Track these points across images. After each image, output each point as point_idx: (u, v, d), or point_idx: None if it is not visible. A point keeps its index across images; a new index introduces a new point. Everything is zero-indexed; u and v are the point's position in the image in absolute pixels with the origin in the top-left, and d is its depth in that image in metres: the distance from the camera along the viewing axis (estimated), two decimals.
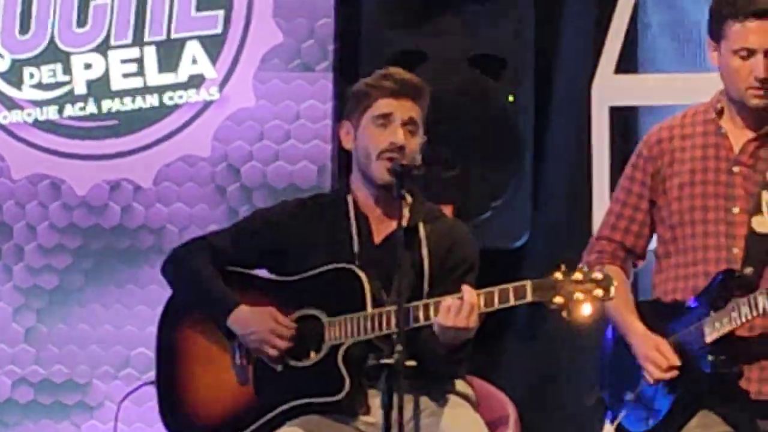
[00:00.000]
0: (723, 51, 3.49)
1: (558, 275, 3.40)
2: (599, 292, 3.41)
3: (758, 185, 3.52)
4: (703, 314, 3.48)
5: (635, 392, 3.65)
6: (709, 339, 3.43)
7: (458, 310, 3.41)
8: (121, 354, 4.89)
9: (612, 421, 3.77)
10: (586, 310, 3.45)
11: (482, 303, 3.44)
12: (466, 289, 3.41)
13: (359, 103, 3.64)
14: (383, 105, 3.63)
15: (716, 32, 3.50)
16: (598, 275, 3.43)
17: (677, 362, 3.44)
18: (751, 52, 3.52)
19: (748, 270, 3.45)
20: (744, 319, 3.39)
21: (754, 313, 3.36)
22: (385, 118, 3.60)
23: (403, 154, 3.50)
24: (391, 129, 3.57)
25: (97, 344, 4.86)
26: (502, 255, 4.79)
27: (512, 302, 3.50)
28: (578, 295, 3.41)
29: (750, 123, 3.53)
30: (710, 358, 3.48)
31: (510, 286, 3.41)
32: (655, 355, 3.48)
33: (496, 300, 3.47)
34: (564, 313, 3.44)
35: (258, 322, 3.53)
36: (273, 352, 3.53)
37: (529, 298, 3.44)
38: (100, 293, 4.86)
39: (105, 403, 4.70)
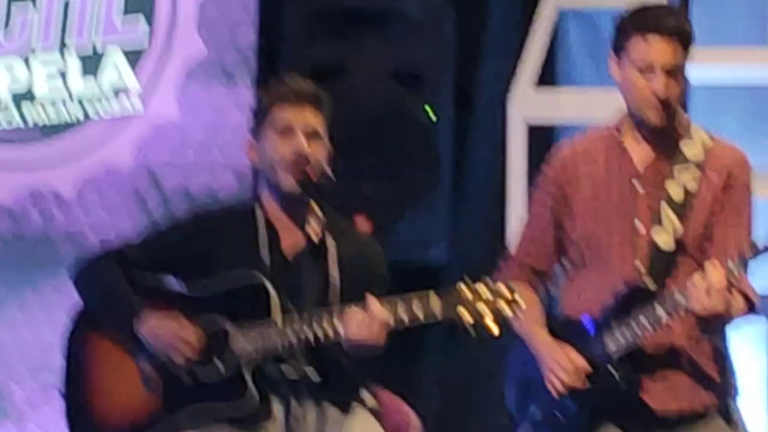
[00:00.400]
0: (625, 65, 3.55)
1: (462, 287, 3.41)
2: (503, 304, 3.45)
3: (661, 202, 3.61)
4: (606, 327, 3.55)
5: (541, 406, 3.72)
6: (612, 351, 3.51)
7: (362, 320, 3.48)
8: (38, 360, 4.94)
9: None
10: (489, 322, 3.45)
11: (387, 310, 3.53)
12: (370, 298, 3.47)
13: (260, 117, 3.67)
14: (283, 115, 3.65)
15: (620, 46, 3.55)
16: (502, 288, 3.46)
17: (587, 367, 3.50)
18: (651, 69, 3.57)
19: (652, 284, 3.51)
20: (644, 331, 3.46)
21: (654, 323, 3.46)
22: (286, 129, 3.62)
23: (309, 163, 3.53)
24: (293, 138, 3.58)
25: (14, 350, 4.92)
26: (418, 269, 4.86)
27: (417, 312, 3.49)
28: (483, 308, 3.42)
29: (650, 140, 3.60)
30: (613, 371, 3.55)
31: (414, 295, 3.44)
32: (565, 362, 3.55)
33: (399, 309, 3.49)
34: (467, 325, 3.48)
35: (166, 331, 3.58)
36: (180, 360, 3.57)
37: (432, 307, 3.48)
38: (20, 300, 4.92)
39: (23, 409, 4.77)
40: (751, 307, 3.65)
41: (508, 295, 3.44)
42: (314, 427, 3.64)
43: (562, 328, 3.67)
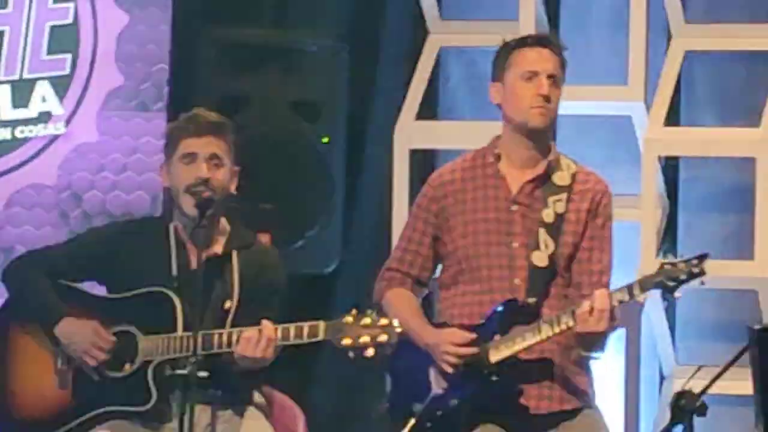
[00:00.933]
0: (508, 80, 3.95)
1: (348, 318, 3.86)
2: (384, 336, 3.85)
3: (536, 223, 3.95)
4: (488, 338, 3.85)
5: (424, 403, 3.99)
6: (493, 360, 3.84)
7: (257, 342, 3.87)
8: None
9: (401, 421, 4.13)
10: (369, 353, 3.90)
11: (280, 336, 3.91)
12: (265, 324, 3.87)
13: (169, 146, 4.07)
14: (187, 145, 4.04)
15: (502, 68, 3.98)
16: (384, 321, 3.89)
17: (473, 336, 3.85)
18: (534, 74, 3.95)
19: (531, 300, 3.86)
20: (528, 344, 3.82)
21: (538, 339, 3.82)
22: (190, 157, 4.00)
23: (209, 186, 3.92)
24: (195, 165, 3.96)
25: None
26: (315, 281, 5.42)
27: (306, 339, 3.95)
28: (365, 339, 3.86)
29: (526, 164, 3.96)
30: (493, 377, 3.89)
31: (306, 324, 3.90)
32: (455, 337, 3.89)
33: (291, 335, 3.93)
34: (350, 353, 3.90)
35: (81, 334, 3.95)
36: (92, 362, 3.95)
37: (321, 336, 3.89)
38: None
39: None
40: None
41: (387, 327, 3.87)
42: (206, 425, 4.01)
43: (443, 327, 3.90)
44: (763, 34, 5.48)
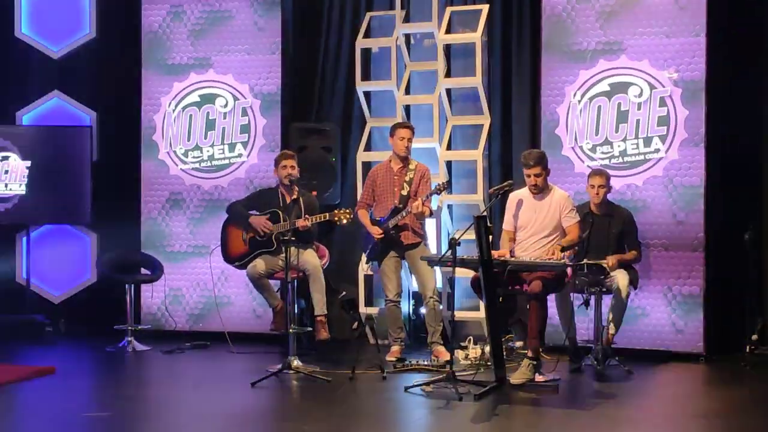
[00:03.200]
0: (394, 138, 10.14)
1: (335, 211, 9.83)
2: (347, 216, 9.90)
3: (402, 180, 10.24)
4: (388, 220, 10.29)
5: (371, 244, 10.46)
6: (390, 226, 10.19)
7: (303, 222, 9.87)
8: None
9: (366, 253, 10.56)
10: (343, 222, 9.99)
11: (310, 222, 10.09)
12: (304, 217, 10.14)
13: (277, 163, 10.11)
14: (283, 162, 10.11)
15: (392, 133, 10.17)
16: (347, 214, 9.80)
17: (381, 232, 10.26)
18: (404, 138, 10.08)
19: (401, 206, 10.25)
20: (399, 219, 10.21)
21: (401, 218, 10.17)
22: (284, 166, 10.07)
23: (292, 178, 10.12)
24: (287, 169, 10.08)
25: None
26: (331, 207, 10.60)
27: (322, 220, 9.90)
28: (341, 217, 9.89)
29: (399, 162, 10.22)
30: (391, 232, 10.21)
31: (323, 213, 9.96)
32: (376, 231, 10.29)
33: (317, 219, 9.97)
34: (337, 222, 9.90)
35: (257, 221, 9.98)
36: (262, 232, 10.01)
37: (327, 218, 9.86)
38: None
39: None
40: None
41: (347, 213, 9.79)
42: (294, 257, 9.48)
43: (375, 222, 10.19)
44: (478, 118, 11.19)
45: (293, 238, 9.35)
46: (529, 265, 8.89)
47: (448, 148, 11.12)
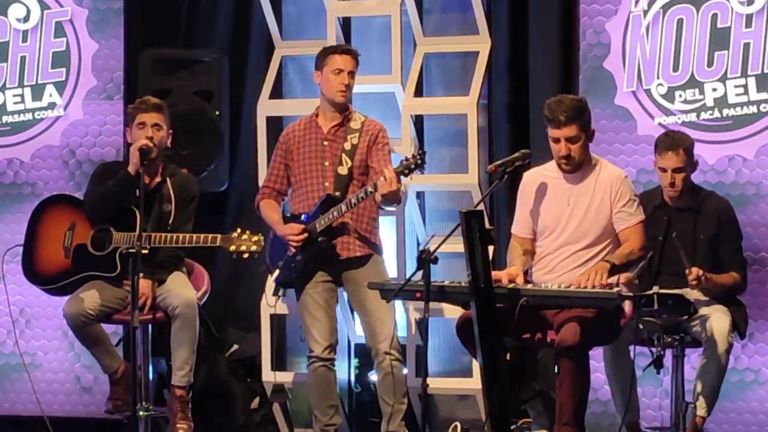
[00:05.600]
0: (325, 73, 8.57)
1: (234, 234, 8.52)
2: (253, 247, 8.42)
3: (339, 149, 8.72)
4: (315, 217, 8.72)
5: (284, 259, 8.87)
6: (319, 229, 8.53)
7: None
8: None
9: (273, 275, 8.89)
10: (244, 256, 8.51)
11: (193, 242, 8.70)
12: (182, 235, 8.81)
13: (129, 118, 8.68)
14: (140, 117, 8.54)
15: (321, 65, 8.59)
16: (255, 238, 8.44)
17: (301, 234, 8.64)
18: (341, 71, 8.47)
19: (337, 194, 8.69)
20: (335, 216, 8.53)
21: (344, 209, 8.51)
22: (143, 125, 8.57)
23: (153, 142, 8.44)
24: (145, 130, 8.51)
25: None
26: (214, 196, 9.96)
27: (209, 244, 8.52)
28: (243, 248, 8.48)
29: (333, 116, 8.71)
30: (320, 239, 8.56)
31: (210, 235, 8.51)
32: (291, 230, 8.71)
33: (200, 241, 8.56)
34: (234, 255, 8.52)
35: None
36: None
37: (218, 243, 8.49)
38: None
39: None
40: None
41: (255, 239, 8.52)
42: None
43: (291, 219, 8.76)
44: (470, 41, 9.80)
45: (146, 254, 8.29)
46: (559, 297, 7.96)
47: (418, 93, 10.07)
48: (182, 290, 8.81)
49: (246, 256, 8.67)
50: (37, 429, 9.49)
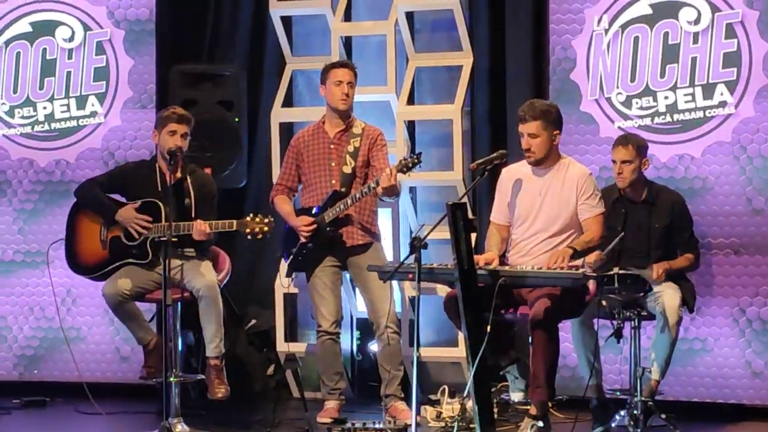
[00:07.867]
0: (328, 85, 9.23)
1: (248, 219, 8.84)
2: (266, 228, 8.78)
3: (344, 152, 9.35)
4: (324, 210, 9.32)
5: (296, 246, 9.49)
6: (327, 220, 9.26)
7: (199, 230, 8.81)
8: None
9: (287, 260, 9.58)
10: (258, 236, 8.89)
11: (211, 228, 8.72)
12: (199, 222, 8.67)
13: (160, 124, 8.92)
14: (172, 126, 8.86)
15: (324, 78, 9.24)
16: (266, 220, 8.75)
17: (311, 225, 9.27)
18: (340, 83, 9.09)
19: (343, 190, 9.24)
20: (341, 209, 9.22)
21: (344, 207, 9.17)
22: (173, 132, 8.88)
23: (180, 149, 8.79)
24: (175, 138, 8.84)
25: None
26: (234, 192, 10.47)
27: (226, 229, 8.83)
28: (257, 229, 8.83)
29: (338, 123, 9.34)
30: (327, 228, 9.30)
31: (225, 221, 8.81)
32: (303, 222, 9.37)
33: (219, 227, 8.81)
34: (249, 237, 8.85)
35: (127, 219, 9.10)
36: (135, 232, 9.02)
37: (234, 228, 8.82)
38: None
39: None
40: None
41: (267, 220, 8.85)
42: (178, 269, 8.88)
43: (302, 211, 9.45)
44: (455, 56, 10.40)
45: (179, 245, 8.81)
46: (532, 277, 8.30)
47: (410, 102, 10.49)
48: (206, 273, 9.09)
49: (260, 236, 8.97)
50: (79, 393, 9.72)
